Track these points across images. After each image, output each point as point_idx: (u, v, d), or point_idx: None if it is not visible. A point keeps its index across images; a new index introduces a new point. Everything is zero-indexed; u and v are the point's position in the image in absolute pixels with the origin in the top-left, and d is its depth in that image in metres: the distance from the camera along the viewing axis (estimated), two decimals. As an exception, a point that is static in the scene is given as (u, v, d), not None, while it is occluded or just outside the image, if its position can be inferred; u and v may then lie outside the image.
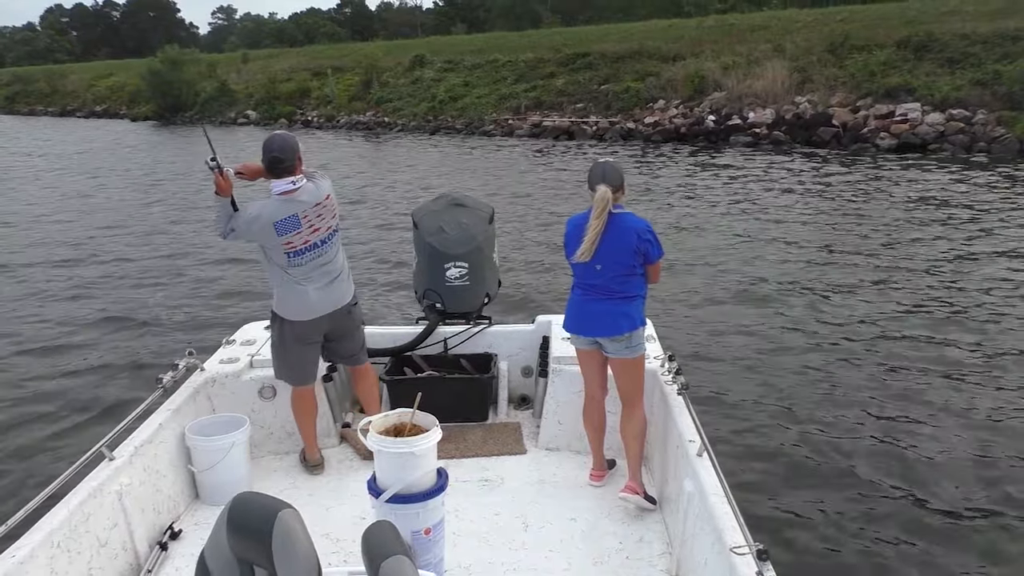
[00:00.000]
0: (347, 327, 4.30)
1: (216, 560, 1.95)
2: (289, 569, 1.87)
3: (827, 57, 26.62)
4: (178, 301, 9.99)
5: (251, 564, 1.92)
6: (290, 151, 3.93)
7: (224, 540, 1.92)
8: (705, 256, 11.19)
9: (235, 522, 1.92)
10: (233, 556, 1.92)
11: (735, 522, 2.86)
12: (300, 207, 3.92)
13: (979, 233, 12.00)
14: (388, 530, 2.06)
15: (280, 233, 3.90)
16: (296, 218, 3.91)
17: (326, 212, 4.02)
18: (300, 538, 1.91)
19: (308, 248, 3.97)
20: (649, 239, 3.82)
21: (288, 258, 3.96)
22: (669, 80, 29.13)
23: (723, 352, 7.57)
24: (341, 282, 4.17)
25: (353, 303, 4.29)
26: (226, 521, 1.92)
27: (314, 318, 4.09)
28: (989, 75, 22.51)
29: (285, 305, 4.08)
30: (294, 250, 3.95)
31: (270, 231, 3.90)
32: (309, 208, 3.95)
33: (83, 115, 55.19)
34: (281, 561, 1.87)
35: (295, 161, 3.96)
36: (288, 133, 4.16)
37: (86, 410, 6.81)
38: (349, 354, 4.45)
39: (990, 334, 7.85)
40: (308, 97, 41.88)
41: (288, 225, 3.90)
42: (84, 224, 15.47)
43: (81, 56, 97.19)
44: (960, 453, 5.55)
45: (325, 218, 4.02)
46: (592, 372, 4.09)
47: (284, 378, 4.26)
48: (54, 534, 2.99)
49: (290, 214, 3.90)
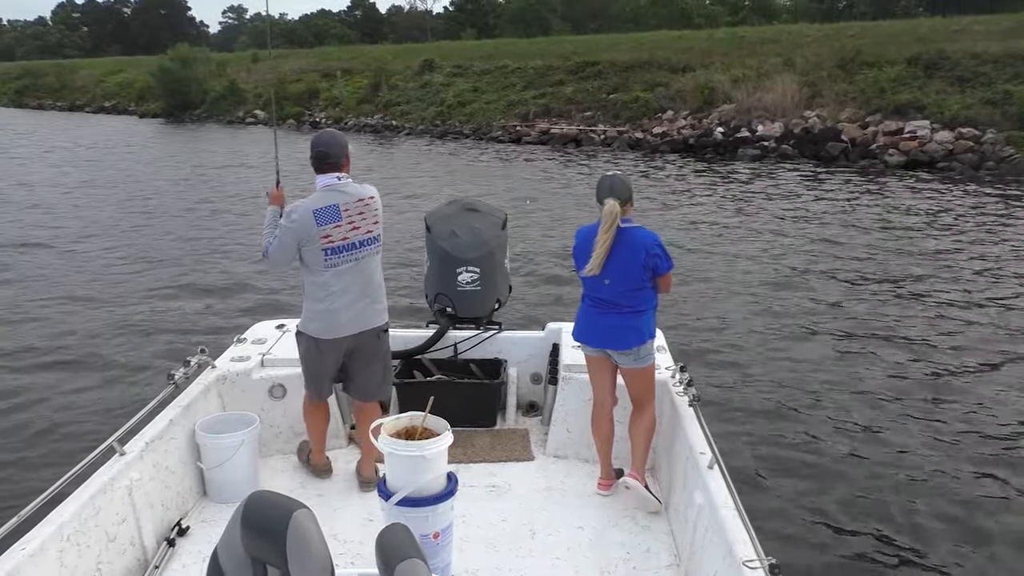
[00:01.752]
0: (371, 353, 4.05)
1: (229, 558, 1.95)
2: (303, 570, 1.85)
3: (837, 72, 26.63)
4: (192, 298, 10.02)
5: (264, 563, 1.91)
6: (337, 147, 3.85)
7: (238, 538, 1.91)
8: (712, 268, 11.18)
9: (249, 521, 1.90)
10: (246, 555, 1.91)
11: (746, 535, 2.83)
12: (343, 198, 3.81)
13: (989, 250, 11.98)
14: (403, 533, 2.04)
15: (320, 223, 3.75)
16: (337, 208, 3.78)
17: (368, 212, 3.88)
18: (314, 539, 1.90)
19: (347, 247, 3.82)
20: (658, 253, 3.81)
21: (325, 257, 3.79)
22: (678, 91, 29.16)
23: (734, 363, 7.55)
24: (375, 303, 3.99)
25: (384, 328, 4.08)
26: (240, 519, 1.91)
27: (338, 337, 3.93)
28: (999, 95, 22.51)
29: (311, 319, 3.92)
30: (332, 246, 3.79)
31: (309, 220, 3.75)
32: (351, 202, 3.83)
33: (92, 110, 55.42)
34: (295, 561, 1.85)
35: (343, 158, 3.86)
36: (337, 131, 4.04)
37: (98, 404, 6.81)
38: (365, 388, 4.15)
39: (1005, 347, 7.85)
40: (317, 98, 41.98)
41: (328, 215, 3.76)
42: (96, 221, 15.50)
43: (91, 52, 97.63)
44: (986, 472, 5.51)
45: (367, 218, 3.88)
46: (601, 380, 4.08)
47: (306, 388, 4.17)
48: (64, 527, 2.98)
49: (331, 203, 3.79)
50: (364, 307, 3.93)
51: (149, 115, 48.34)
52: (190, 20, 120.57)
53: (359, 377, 4.12)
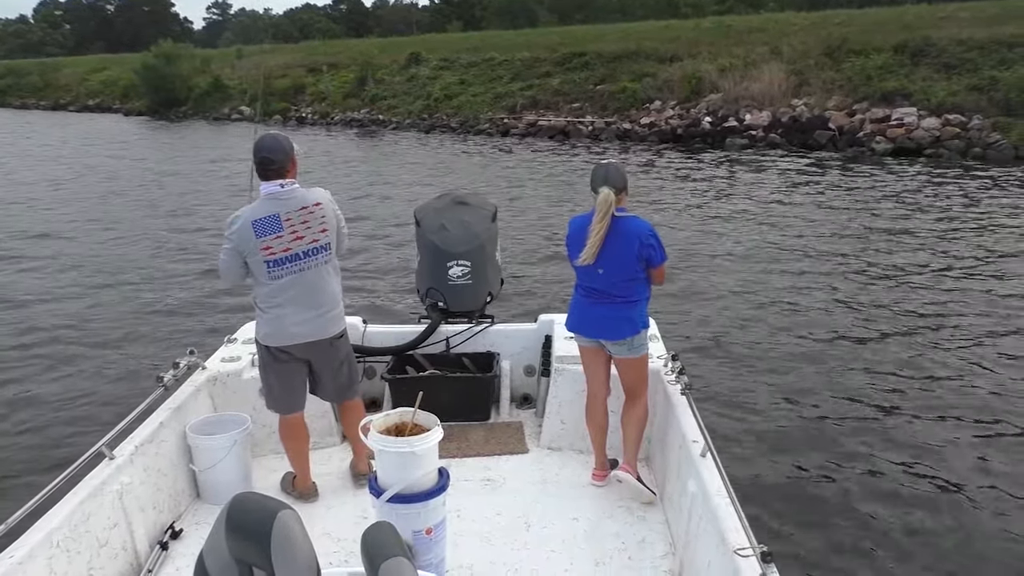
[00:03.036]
0: (329, 360, 3.91)
1: (215, 561, 1.94)
2: (288, 571, 1.85)
3: (824, 60, 26.67)
4: (180, 300, 9.93)
5: (250, 566, 1.90)
6: (281, 152, 3.64)
7: (223, 541, 1.90)
8: (702, 257, 11.20)
9: (233, 523, 1.90)
10: (232, 557, 1.91)
11: (739, 523, 2.83)
12: (283, 207, 3.62)
13: (978, 236, 12.04)
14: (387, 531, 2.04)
15: (259, 234, 3.58)
16: (277, 219, 3.60)
17: (313, 220, 3.69)
18: (299, 539, 1.90)
19: (289, 259, 3.64)
20: (652, 244, 3.79)
21: (267, 269, 3.63)
22: (666, 81, 29.14)
23: (726, 352, 7.56)
24: (327, 313, 3.81)
25: (338, 336, 3.91)
26: (225, 522, 1.91)
27: (288, 345, 3.77)
28: (986, 81, 22.59)
29: (261, 326, 3.79)
30: (273, 257, 3.62)
31: (248, 231, 3.58)
32: (294, 211, 3.64)
33: (76, 109, 54.99)
34: (280, 563, 1.85)
35: (288, 164, 3.67)
36: (282, 134, 3.82)
37: (86, 409, 6.75)
38: (333, 391, 4.05)
39: (995, 333, 7.88)
40: (303, 93, 41.78)
41: (267, 225, 3.59)
42: (82, 220, 15.39)
43: (74, 50, 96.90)
44: (973, 456, 5.53)
45: (312, 226, 3.68)
46: (595, 370, 4.08)
47: (272, 407, 3.97)
48: (53, 534, 2.95)
49: (271, 213, 3.60)
50: (312, 318, 3.77)
51: (134, 113, 48.06)
52: (174, 17, 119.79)
53: (329, 384, 4.01)
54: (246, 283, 3.85)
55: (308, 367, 3.93)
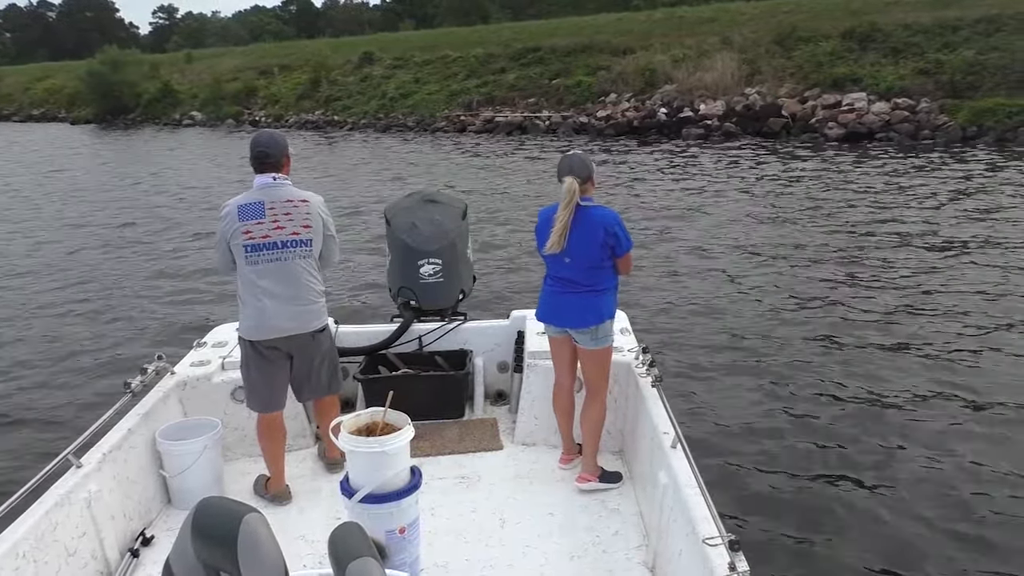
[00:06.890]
0: (310, 355, 3.95)
1: (182, 567, 1.92)
2: (255, 574, 1.84)
3: (775, 48, 27.07)
4: (147, 304, 9.72)
5: (217, 570, 1.89)
6: (277, 147, 3.81)
7: (189, 546, 1.89)
8: (665, 248, 11.27)
9: (200, 528, 1.88)
10: (199, 562, 1.89)
11: (708, 513, 2.87)
12: (269, 196, 3.76)
13: (932, 216, 12.31)
14: (354, 531, 2.04)
15: (242, 218, 3.72)
16: (261, 205, 3.74)
17: (296, 214, 3.79)
18: (266, 542, 1.88)
19: (267, 245, 3.73)
20: (616, 232, 3.82)
21: (246, 253, 3.73)
22: (620, 73, 29.34)
23: (694, 343, 7.60)
24: (308, 306, 3.87)
25: (320, 330, 3.95)
26: (191, 527, 1.89)
27: (272, 338, 3.81)
28: (931, 64, 23.12)
29: (244, 320, 3.83)
30: (252, 242, 3.72)
31: (233, 215, 3.73)
32: (279, 201, 3.77)
33: (19, 119, 53.64)
34: (247, 566, 1.84)
35: (282, 159, 3.82)
36: (277, 131, 4.01)
37: (52, 416, 6.58)
38: (314, 387, 4.06)
39: (965, 316, 8.01)
40: (255, 96, 41.27)
41: (251, 211, 3.73)
42: (44, 228, 15.01)
43: (16, 58, 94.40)
44: (935, 442, 5.58)
45: (294, 219, 3.78)
46: (561, 359, 4.12)
47: (252, 406, 3.97)
48: (19, 545, 2.88)
49: (257, 200, 3.75)
50: (294, 309, 3.81)
51: (81, 121, 47.08)
52: (119, 22, 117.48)
53: (310, 379, 4.03)
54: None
55: (289, 365, 3.94)
